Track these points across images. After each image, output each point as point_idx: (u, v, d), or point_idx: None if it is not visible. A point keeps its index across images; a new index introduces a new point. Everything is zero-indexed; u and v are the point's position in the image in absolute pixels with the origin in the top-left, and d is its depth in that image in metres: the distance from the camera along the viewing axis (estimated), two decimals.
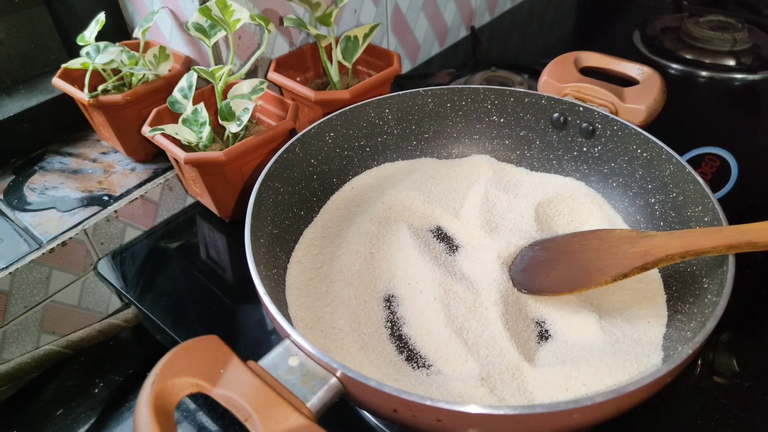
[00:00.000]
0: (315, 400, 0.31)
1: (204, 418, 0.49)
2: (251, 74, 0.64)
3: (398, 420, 0.32)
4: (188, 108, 0.54)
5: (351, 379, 0.31)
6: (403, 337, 0.44)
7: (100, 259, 0.59)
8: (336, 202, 0.55)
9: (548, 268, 0.43)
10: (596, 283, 0.40)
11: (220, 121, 0.55)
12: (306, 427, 0.29)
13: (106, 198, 0.60)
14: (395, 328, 0.45)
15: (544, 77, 0.60)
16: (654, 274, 0.46)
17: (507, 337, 0.41)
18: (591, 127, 0.55)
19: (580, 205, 0.54)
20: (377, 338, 0.43)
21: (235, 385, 0.31)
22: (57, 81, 0.60)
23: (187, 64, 0.63)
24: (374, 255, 0.49)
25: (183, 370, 0.31)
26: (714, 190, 0.45)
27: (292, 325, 0.34)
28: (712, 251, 0.36)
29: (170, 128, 0.53)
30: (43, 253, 0.54)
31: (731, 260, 0.38)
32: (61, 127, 0.68)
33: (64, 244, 0.55)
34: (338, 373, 0.32)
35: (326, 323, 0.43)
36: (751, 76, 0.83)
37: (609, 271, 0.39)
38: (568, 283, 0.41)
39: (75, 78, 0.61)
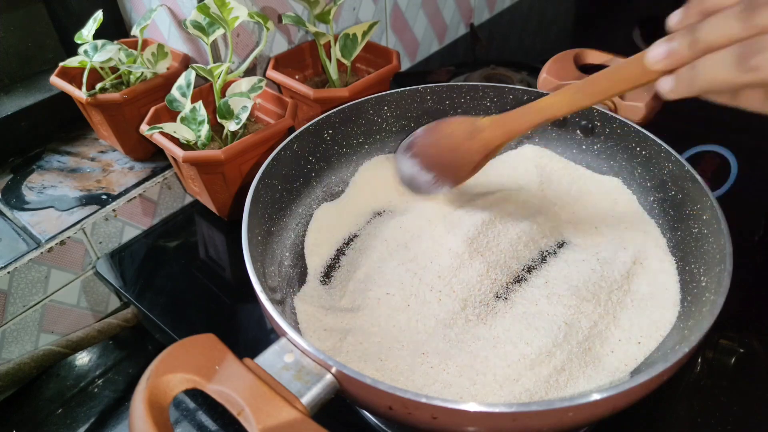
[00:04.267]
0: (309, 395, 0.32)
1: (203, 417, 0.49)
2: (250, 72, 0.64)
3: (394, 417, 0.32)
4: (187, 106, 0.54)
5: (346, 376, 0.31)
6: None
7: (98, 259, 0.59)
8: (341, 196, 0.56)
9: (425, 171, 0.51)
10: (463, 179, 0.50)
11: (219, 120, 0.55)
12: (299, 420, 0.30)
13: (104, 197, 0.60)
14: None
15: (544, 74, 0.60)
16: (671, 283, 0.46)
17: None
18: (590, 125, 0.55)
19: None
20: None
21: (229, 380, 0.31)
22: (55, 79, 0.60)
23: (186, 62, 0.63)
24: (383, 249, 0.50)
25: (178, 366, 0.32)
26: (713, 189, 0.45)
27: (287, 322, 0.34)
28: (528, 130, 0.44)
29: (168, 127, 0.53)
30: (42, 253, 0.54)
31: (729, 259, 0.38)
32: (60, 126, 0.68)
33: (62, 243, 0.55)
34: (333, 370, 0.32)
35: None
36: None
37: (466, 167, 0.49)
38: (445, 182, 0.51)
39: (73, 76, 0.61)
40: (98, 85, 0.59)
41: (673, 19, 0.34)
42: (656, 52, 0.34)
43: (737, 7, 0.30)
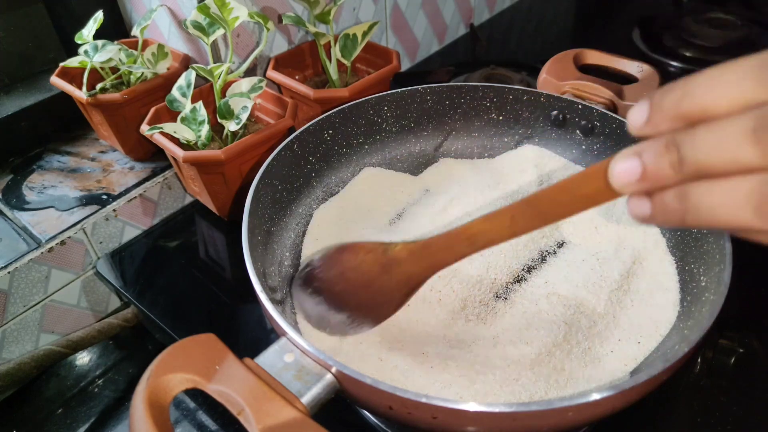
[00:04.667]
0: (309, 395, 0.32)
1: (203, 417, 0.49)
2: (250, 72, 0.64)
3: (394, 417, 0.32)
4: (187, 106, 0.54)
5: (346, 376, 0.32)
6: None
7: (99, 259, 0.59)
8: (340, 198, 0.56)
9: (334, 312, 0.41)
10: (388, 316, 0.41)
11: (219, 120, 0.55)
12: (298, 420, 0.30)
13: (104, 197, 0.60)
14: None
15: (543, 75, 0.60)
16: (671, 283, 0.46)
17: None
18: (590, 125, 0.55)
19: None
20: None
21: (229, 380, 0.31)
22: (55, 79, 0.60)
23: (186, 63, 0.63)
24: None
25: (178, 366, 0.32)
26: None
27: (287, 321, 0.34)
28: (456, 262, 0.36)
29: (169, 127, 0.53)
30: (42, 253, 0.54)
31: (729, 259, 0.38)
32: (60, 126, 0.68)
33: (63, 243, 0.55)
34: (333, 370, 0.32)
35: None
36: None
37: (389, 304, 0.40)
38: (365, 321, 0.41)
39: (73, 76, 0.61)
40: (98, 86, 0.59)
41: (637, 119, 0.24)
42: (623, 169, 0.24)
43: (742, 122, 0.21)
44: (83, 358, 0.57)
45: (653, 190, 0.24)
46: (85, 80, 0.58)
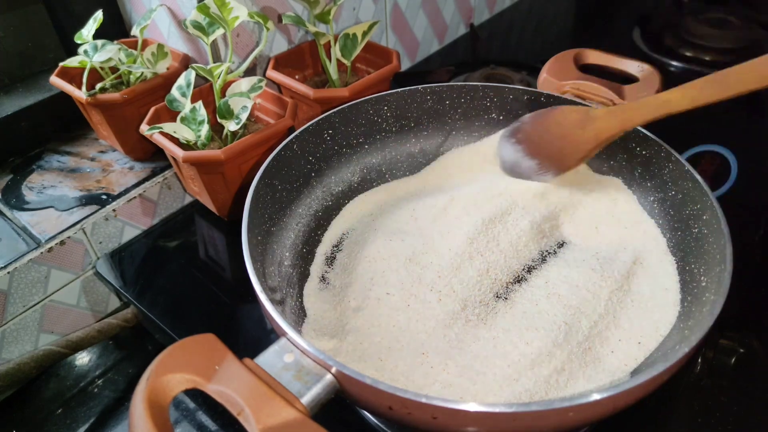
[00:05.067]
0: (309, 395, 0.32)
1: (203, 417, 0.49)
2: (250, 72, 0.64)
3: (394, 417, 0.32)
4: (186, 106, 0.54)
5: (346, 376, 0.31)
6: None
7: (98, 259, 0.59)
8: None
9: (528, 158, 0.51)
10: (569, 168, 0.49)
11: (219, 120, 0.55)
12: (298, 420, 0.30)
13: (104, 197, 0.60)
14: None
15: (544, 74, 0.60)
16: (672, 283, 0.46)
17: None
18: None
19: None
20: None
21: (229, 380, 0.31)
22: (55, 79, 0.60)
23: (186, 62, 0.63)
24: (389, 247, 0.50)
25: (178, 366, 0.32)
26: (713, 189, 0.45)
27: (287, 322, 0.34)
28: (644, 123, 0.44)
29: (168, 126, 0.53)
30: (42, 253, 0.54)
31: (729, 259, 0.38)
32: (59, 126, 0.68)
33: (62, 243, 0.55)
34: (333, 370, 0.32)
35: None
36: None
37: (574, 156, 0.48)
38: (550, 169, 0.50)
39: (73, 76, 0.61)
40: (98, 85, 0.59)
41: None
42: None
43: None
44: (83, 359, 0.57)
45: None
46: (84, 80, 0.58)
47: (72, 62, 0.58)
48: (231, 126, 0.54)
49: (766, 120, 0.77)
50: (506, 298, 0.46)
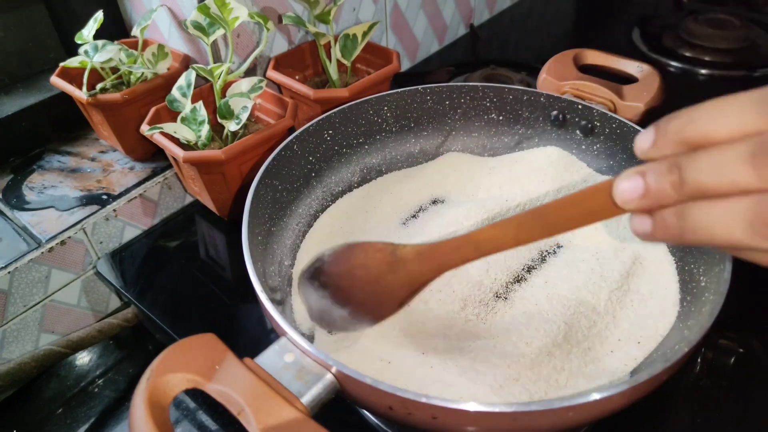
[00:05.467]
0: (309, 395, 0.32)
1: (203, 417, 0.49)
2: (250, 72, 0.64)
3: (394, 417, 0.32)
4: (187, 106, 0.54)
5: (346, 376, 0.32)
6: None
7: (99, 258, 0.59)
8: (344, 200, 0.56)
9: (338, 306, 0.42)
10: (386, 316, 0.41)
11: (219, 120, 0.55)
12: (299, 420, 0.30)
13: (105, 197, 0.60)
14: None
15: (543, 75, 0.60)
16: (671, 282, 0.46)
17: None
18: (590, 125, 0.55)
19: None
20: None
21: (229, 380, 0.31)
22: (55, 79, 0.60)
23: (186, 63, 0.63)
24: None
25: (178, 366, 0.32)
26: None
27: (287, 321, 0.34)
28: (461, 265, 0.37)
29: (169, 127, 0.53)
30: (42, 253, 0.54)
31: (728, 258, 0.38)
32: (60, 126, 0.68)
33: (63, 243, 0.55)
34: (333, 370, 0.32)
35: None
36: (750, 74, 0.83)
37: (390, 303, 0.40)
38: (364, 318, 0.42)
39: (73, 76, 0.61)
40: (99, 86, 0.59)
41: (643, 143, 0.27)
42: (627, 187, 0.27)
43: (742, 147, 0.23)
44: (83, 358, 0.57)
45: (654, 208, 0.26)
46: (85, 80, 0.58)
47: (72, 62, 0.58)
48: (231, 126, 0.54)
49: None
50: (506, 298, 0.46)
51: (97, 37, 0.58)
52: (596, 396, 0.30)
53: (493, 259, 0.48)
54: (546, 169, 0.56)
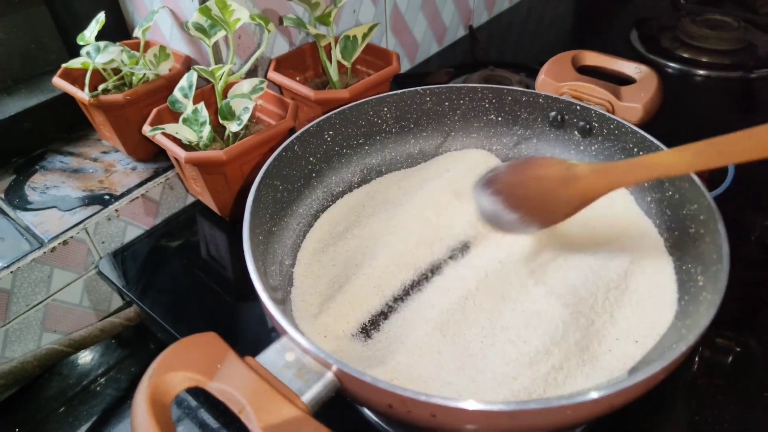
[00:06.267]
0: (310, 394, 0.32)
1: (205, 415, 0.49)
2: (251, 74, 0.64)
3: (393, 415, 0.33)
4: (188, 107, 0.55)
5: (346, 375, 0.32)
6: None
7: (101, 258, 0.59)
8: (344, 200, 0.57)
9: (509, 211, 0.46)
10: (554, 223, 0.45)
11: (221, 121, 0.55)
12: (299, 419, 0.30)
13: (107, 197, 0.60)
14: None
15: (542, 76, 0.60)
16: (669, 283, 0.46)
17: None
18: (588, 126, 0.55)
19: None
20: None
21: (230, 378, 0.31)
22: (57, 80, 0.60)
23: (188, 64, 0.63)
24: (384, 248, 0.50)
25: (180, 364, 0.32)
26: (710, 189, 0.45)
27: (288, 320, 0.35)
28: (634, 185, 0.41)
29: (171, 127, 0.53)
30: (45, 252, 0.54)
31: (726, 259, 0.39)
32: (62, 127, 0.69)
33: (65, 243, 0.55)
34: (333, 368, 0.32)
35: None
36: (747, 75, 0.83)
37: (559, 213, 0.45)
38: (533, 224, 0.46)
39: (75, 77, 0.61)
40: (101, 87, 0.59)
41: None
42: None
43: None
44: (85, 357, 0.58)
45: None
46: (87, 81, 0.58)
47: (75, 63, 0.58)
48: (232, 127, 0.55)
49: (763, 120, 0.77)
50: (504, 297, 0.46)
51: (99, 38, 0.58)
52: (594, 395, 0.30)
53: (493, 257, 0.48)
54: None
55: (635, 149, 0.52)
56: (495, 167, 0.47)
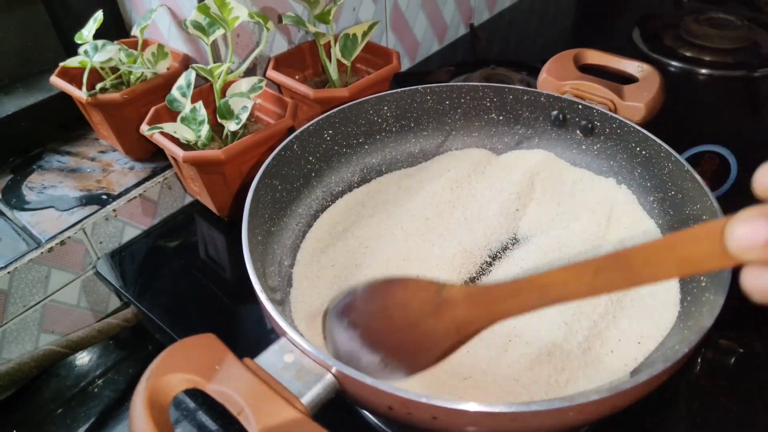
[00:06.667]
0: (309, 395, 0.32)
1: (203, 417, 0.49)
2: (250, 72, 0.64)
3: (394, 417, 0.32)
4: (187, 106, 0.54)
5: (346, 376, 0.32)
6: None
7: (99, 259, 0.59)
8: (343, 200, 0.56)
9: (368, 351, 0.37)
10: (424, 368, 0.35)
11: (219, 120, 0.55)
12: (298, 420, 0.30)
13: (104, 197, 0.60)
14: None
15: (544, 75, 0.60)
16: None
17: None
18: (590, 125, 0.55)
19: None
20: None
21: (229, 380, 0.31)
22: (55, 79, 0.60)
23: (186, 63, 0.63)
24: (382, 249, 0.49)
25: (178, 366, 0.32)
26: (713, 189, 0.45)
27: (287, 321, 0.34)
28: (522, 314, 0.32)
29: (169, 127, 0.53)
30: (42, 253, 0.54)
31: None
32: (60, 126, 0.68)
33: (62, 243, 0.55)
34: (333, 370, 0.32)
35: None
36: (750, 74, 0.83)
37: (430, 353, 0.35)
38: (398, 368, 0.36)
39: (73, 76, 0.61)
40: (98, 85, 0.59)
41: (763, 178, 0.23)
42: (747, 233, 0.22)
43: None
44: (83, 358, 0.57)
45: None
46: (84, 80, 0.58)
47: (72, 62, 0.58)
48: (231, 126, 0.54)
49: (766, 120, 0.77)
50: None
51: (96, 36, 0.58)
52: (596, 396, 0.30)
53: (493, 258, 0.48)
54: (524, 167, 0.57)
55: (637, 148, 0.52)
56: (352, 290, 0.38)
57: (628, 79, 0.59)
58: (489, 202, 0.54)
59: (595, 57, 0.62)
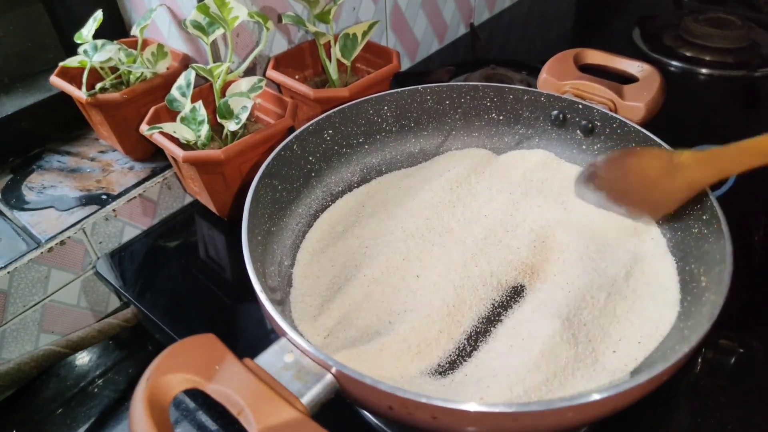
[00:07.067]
0: (309, 395, 0.32)
1: (203, 417, 0.49)
2: (250, 72, 0.64)
3: (394, 417, 0.32)
4: (186, 106, 0.54)
5: (346, 376, 0.32)
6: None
7: (98, 259, 0.59)
8: (343, 200, 0.56)
9: (615, 205, 0.49)
10: (663, 215, 0.47)
11: (219, 120, 0.55)
12: (298, 420, 0.30)
13: (104, 197, 0.60)
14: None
15: (544, 74, 0.60)
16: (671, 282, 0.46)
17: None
18: (590, 125, 0.55)
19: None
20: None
21: (229, 380, 0.31)
22: (55, 79, 0.60)
23: (186, 62, 0.63)
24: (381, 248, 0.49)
25: (178, 366, 0.32)
26: (713, 189, 0.45)
27: (287, 322, 0.34)
28: (743, 171, 0.40)
29: (168, 126, 0.53)
30: (42, 253, 0.54)
31: (729, 259, 0.38)
32: (59, 126, 0.68)
33: (62, 243, 0.55)
34: (333, 370, 0.32)
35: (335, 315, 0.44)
36: (750, 74, 0.83)
37: (667, 205, 0.46)
38: (642, 215, 0.48)
39: (73, 76, 0.61)
40: (98, 85, 0.59)
41: None
42: None
43: None
44: (83, 358, 0.57)
45: None
46: (84, 80, 0.58)
47: (72, 62, 0.58)
48: (231, 126, 0.54)
49: (766, 120, 0.77)
50: (506, 298, 0.46)
51: (96, 36, 0.58)
52: (596, 396, 0.30)
53: (495, 255, 0.48)
54: (525, 167, 0.57)
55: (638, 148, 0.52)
56: (593, 162, 0.49)
57: (628, 79, 0.59)
58: (489, 202, 0.54)
59: (595, 57, 0.62)
